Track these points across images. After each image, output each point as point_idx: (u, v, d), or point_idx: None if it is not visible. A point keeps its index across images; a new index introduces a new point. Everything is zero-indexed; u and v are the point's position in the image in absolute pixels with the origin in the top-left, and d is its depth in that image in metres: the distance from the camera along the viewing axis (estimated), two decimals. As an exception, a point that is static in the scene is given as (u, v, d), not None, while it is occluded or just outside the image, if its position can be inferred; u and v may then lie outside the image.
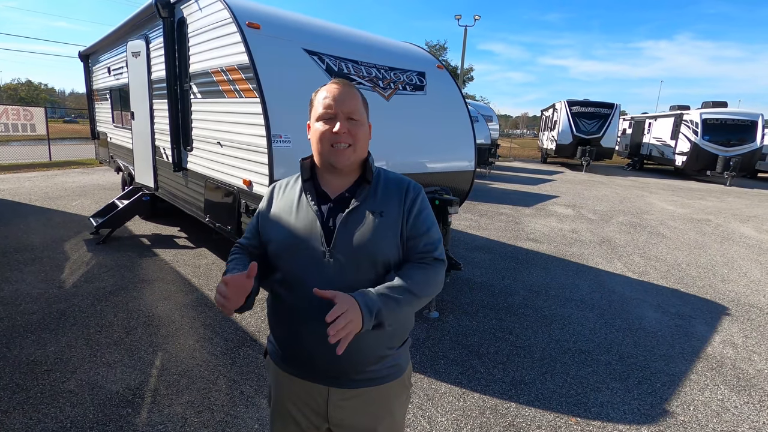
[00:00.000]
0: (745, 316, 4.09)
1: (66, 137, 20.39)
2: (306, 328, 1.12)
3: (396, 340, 1.20)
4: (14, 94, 56.88)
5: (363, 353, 1.13)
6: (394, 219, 1.14)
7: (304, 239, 1.11)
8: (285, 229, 1.15)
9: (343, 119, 1.11)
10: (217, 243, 5.28)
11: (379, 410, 1.21)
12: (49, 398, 2.41)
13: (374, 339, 1.13)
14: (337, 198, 1.16)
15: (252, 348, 3.05)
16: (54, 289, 3.83)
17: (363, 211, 1.13)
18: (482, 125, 14.88)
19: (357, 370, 1.15)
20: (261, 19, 3.44)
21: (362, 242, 1.10)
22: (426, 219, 1.19)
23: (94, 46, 7.35)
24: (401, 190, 1.18)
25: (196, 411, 2.38)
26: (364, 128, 1.17)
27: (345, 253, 1.09)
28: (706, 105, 17.39)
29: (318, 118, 1.14)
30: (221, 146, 3.70)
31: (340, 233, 1.10)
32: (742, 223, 8.54)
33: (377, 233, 1.11)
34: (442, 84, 4.86)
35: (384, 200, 1.16)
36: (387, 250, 1.12)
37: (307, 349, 1.14)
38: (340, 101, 1.11)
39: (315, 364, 1.15)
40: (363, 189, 1.16)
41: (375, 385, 1.18)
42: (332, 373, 1.15)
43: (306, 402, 1.19)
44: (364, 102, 1.19)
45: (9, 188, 8.34)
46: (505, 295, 4.27)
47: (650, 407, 2.64)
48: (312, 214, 1.13)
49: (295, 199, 1.18)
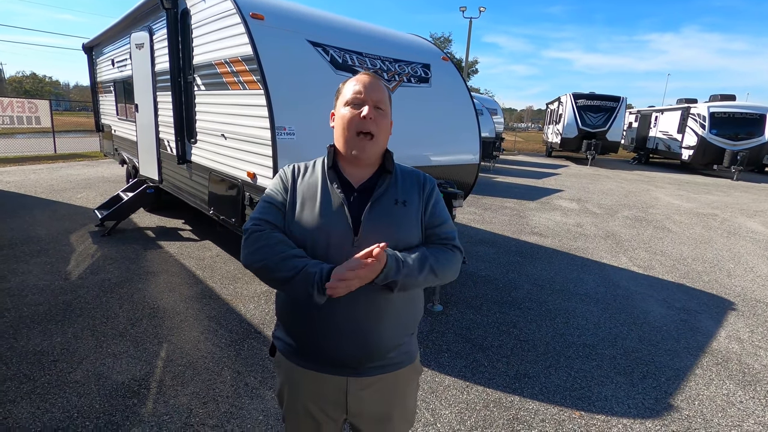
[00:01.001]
0: (752, 311, 4.06)
1: (71, 130, 20.45)
2: (329, 317, 1.12)
3: (411, 326, 1.24)
4: (19, 87, 57.04)
5: (384, 341, 1.15)
6: (415, 208, 1.19)
7: (332, 226, 1.11)
8: (312, 212, 1.13)
9: (371, 106, 1.14)
10: (221, 235, 5.29)
11: (395, 396, 1.24)
12: (56, 388, 2.43)
13: (393, 326, 1.17)
14: (360, 187, 1.17)
15: (256, 340, 3.06)
16: (60, 281, 3.86)
17: (388, 199, 1.17)
18: (487, 118, 14.79)
19: (376, 357, 1.16)
20: (265, 10, 3.41)
21: (389, 230, 1.13)
22: (443, 209, 1.26)
23: (98, 38, 7.33)
24: (419, 181, 1.24)
25: (201, 402, 2.39)
26: (387, 120, 1.20)
27: (371, 240, 1.08)
28: (714, 98, 17.20)
29: (346, 103, 1.16)
30: (225, 138, 3.69)
31: (366, 221, 1.12)
32: (749, 218, 8.46)
33: (403, 221, 1.16)
34: (447, 76, 4.81)
35: (405, 190, 1.20)
36: (411, 238, 1.17)
37: (328, 340, 1.13)
38: (369, 89, 1.15)
39: (335, 355, 1.14)
40: (386, 178, 1.19)
41: (391, 371, 1.20)
42: (351, 363, 1.15)
43: (323, 396, 1.19)
44: (389, 97, 1.22)
45: (15, 180, 8.38)
46: (510, 288, 4.26)
47: (655, 401, 2.63)
48: (339, 201, 1.13)
49: (318, 185, 1.17)
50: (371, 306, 1.12)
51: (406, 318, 1.21)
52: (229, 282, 4.02)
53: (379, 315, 1.13)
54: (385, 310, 1.14)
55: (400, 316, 1.18)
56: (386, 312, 1.14)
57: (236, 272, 4.25)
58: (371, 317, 1.12)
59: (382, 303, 1.13)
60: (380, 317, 1.14)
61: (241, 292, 3.81)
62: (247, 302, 3.62)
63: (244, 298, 3.68)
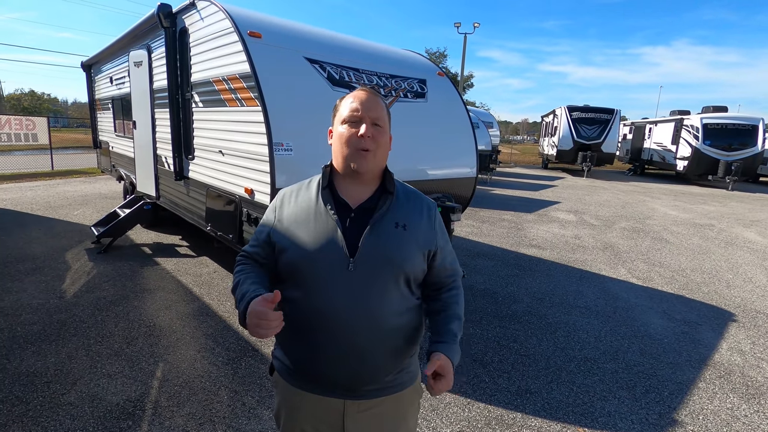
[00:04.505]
0: (752, 323, 4.04)
1: (68, 146, 20.48)
2: (326, 341, 1.09)
3: (412, 348, 1.21)
4: (17, 104, 57.24)
5: (384, 364, 1.13)
6: (417, 232, 1.15)
7: (325, 249, 1.09)
8: (303, 238, 1.11)
9: (369, 123, 1.11)
10: (218, 252, 5.26)
11: (395, 418, 1.21)
12: (49, 411, 2.38)
13: (394, 348, 1.14)
14: (359, 207, 1.14)
15: (254, 358, 3.02)
16: (55, 300, 3.81)
17: (388, 222, 1.13)
18: (483, 131, 14.90)
19: (375, 380, 1.14)
20: (262, 28, 3.45)
21: (389, 254, 1.10)
22: (445, 234, 1.25)
23: (97, 56, 7.40)
24: (422, 205, 1.21)
25: (198, 423, 2.34)
26: (386, 137, 1.17)
27: (369, 264, 1.07)
28: (707, 110, 17.43)
29: (343, 121, 1.13)
30: (223, 155, 3.69)
31: (365, 244, 1.09)
32: (746, 228, 8.49)
33: (403, 246, 1.12)
34: (443, 91, 4.86)
35: (407, 213, 1.17)
36: (413, 263, 1.13)
37: (325, 363, 1.11)
38: (366, 106, 1.12)
39: (333, 377, 1.12)
40: (386, 199, 1.15)
41: (392, 394, 1.18)
42: (350, 386, 1.13)
43: (321, 418, 1.16)
44: (388, 112, 1.20)
45: (11, 198, 8.35)
46: (509, 302, 4.24)
47: (659, 416, 2.59)
48: (332, 223, 1.10)
49: (311, 207, 1.14)
50: (371, 328, 1.09)
51: (407, 340, 1.18)
52: (226, 299, 3.98)
53: (379, 337, 1.10)
54: (385, 332, 1.11)
55: (400, 338, 1.15)
56: (387, 334, 1.11)
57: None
58: (372, 339, 1.09)
59: (382, 325, 1.10)
60: (381, 339, 1.11)
61: (239, 308, 3.77)
62: (245, 319, 3.57)
63: (241, 315, 3.64)
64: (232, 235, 3.61)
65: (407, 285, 1.14)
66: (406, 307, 1.15)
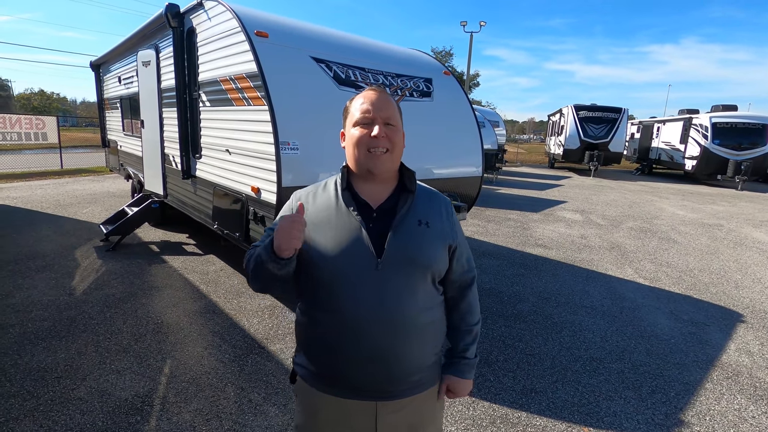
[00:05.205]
0: (761, 324, 4.00)
1: (77, 145, 20.69)
2: (356, 342, 1.08)
3: (439, 344, 1.22)
4: (27, 104, 57.89)
5: (416, 362, 1.13)
6: (438, 229, 1.16)
7: (351, 250, 1.08)
8: (326, 240, 1.10)
9: (381, 124, 1.11)
10: (225, 250, 5.30)
11: (425, 415, 1.21)
12: (59, 405, 2.42)
13: (422, 346, 1.14)
14: (380, 207, 1.14)
15: (260, 355, 3.04)
16: (65, 296, 3.86)
17: (411, 220, 1.13)
18: (489, 130, 14.88)
19: (407, 380, 1.13)
20: (269, 28, 3.47)
21: (415, 252, 1.10)
22: (461, 229, 1.27)
23: (105, 56, 7.47)
24: (439, 202, 1.22)
25: (205, 419, 2.37)
26: (400, 134, 1.16)
27: (397, 263, 1.07)
28: (716, 108, 17.22)
29: (355, 123, 1.13)
30: (230, 154, 3.72)
31: (391, 244, 1.09)
32: (755, 228, 8.40)
33: (428, 243, 1.13)
34: (449, 90, 4.86)
35: (427, 210, 1.17)
36: (438, 259, 1.15)
37: (356, 366, 1.10)
38: (377, 107, 1.11)
39: (364, 379, 1.11)
40: (407, 198, 1.16)
41: (422, 391, 1.17)
42: (382, 387, 1.11)
43: (351, 423, 1.14)
44: (399, 110, 1.19)
45: (21, 196, 8.47)
46: (515, 301, 4.23)
47: (665, 417, 2.58)
48: (356, 224, 1.10)
49: (331, 208, 1.13)
50: (403, 326, 1.08)
51: (434, 337, 1.18)
52: (233, 296, 4.01)
53: (410, 335, 1.10)
54: (416, 330, 1.11)
55: (427, 336, 1.15)
56: (417, 332, 1.11)
57: (240, 286, 4.25)
58: (403, 338, 1.08)
59: (413, 323, 1.10)
60: (411, 338, 1.10)
61: (245, 306, 3.80)
62: (251, 317, 3.60)
63: (248, 313, 3.67)
64: (238, 234, 3.64)
65: (433, 282, 1.15)
66: (433, 304, 1.16)
